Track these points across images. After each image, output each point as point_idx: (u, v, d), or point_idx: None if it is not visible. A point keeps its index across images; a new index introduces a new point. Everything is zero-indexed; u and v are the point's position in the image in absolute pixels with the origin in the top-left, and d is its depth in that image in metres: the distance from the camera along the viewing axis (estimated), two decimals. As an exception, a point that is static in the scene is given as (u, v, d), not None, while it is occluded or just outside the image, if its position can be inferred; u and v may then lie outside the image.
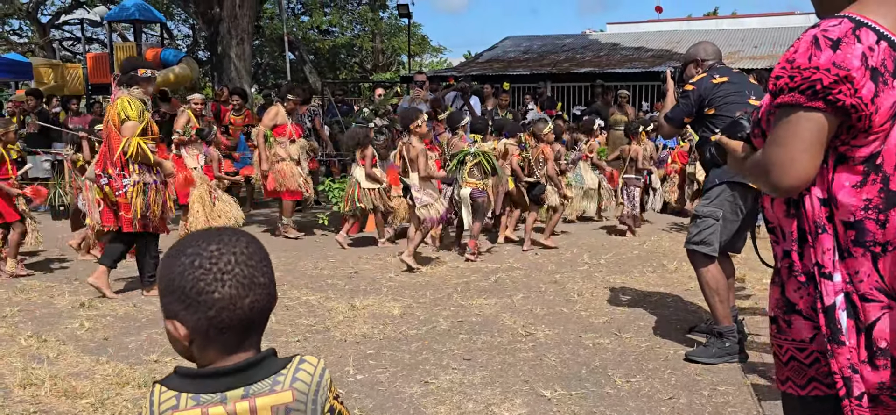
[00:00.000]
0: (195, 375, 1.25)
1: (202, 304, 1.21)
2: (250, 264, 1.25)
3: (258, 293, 1.25)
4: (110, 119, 5.44)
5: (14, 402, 3.59)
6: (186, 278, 1.21)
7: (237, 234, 1.28)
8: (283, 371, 1.27)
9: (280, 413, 1.24)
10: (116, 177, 5.43)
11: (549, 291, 5.75)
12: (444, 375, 3.96)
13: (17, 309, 5.26)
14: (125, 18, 18.14)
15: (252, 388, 1.24)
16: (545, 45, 20.10)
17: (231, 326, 1.23)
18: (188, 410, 1.21)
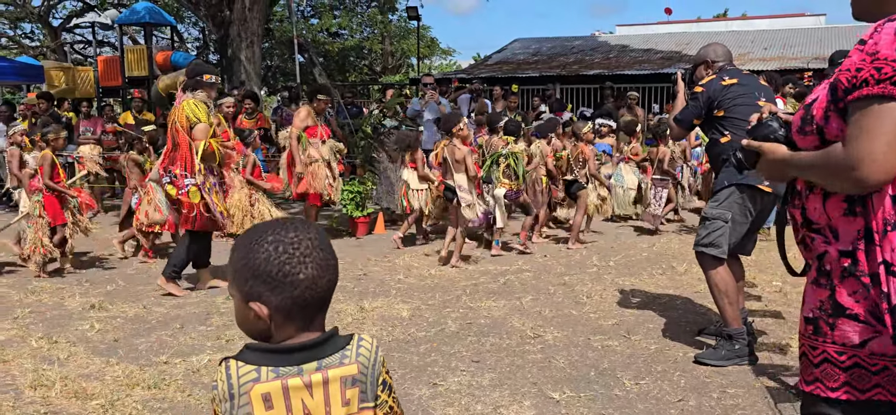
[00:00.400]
0: (273, 350, 1.35)
1: (288, 285, 1.33)
2: (323, 248, 1.38)
3: (332, 274, 1.39)
4: (177, 121, 5.60)
5: (25, 403, 3.61)
6: (272, 263, 1.33)
7: (304, 223, 1.41)
8: (349, 347, 1.41)
9: (347, 384, 1.38)
10: (179, 176, 5.60)
11: (558, 293, 5.74)
12: (453, 377, 3.95)
13: (29, 310, 5.29)
14: (136, 22, 18.25)
15: (324, 361, 1.37)
16: (554, 47, 20.07)
17: (311, 303, 1.36)
18: (269, 381, 1.33)
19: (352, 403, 1.39)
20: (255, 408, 1.32)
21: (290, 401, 1.34)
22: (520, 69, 17.44)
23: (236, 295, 1.38)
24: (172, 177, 5.64)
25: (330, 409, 1.37)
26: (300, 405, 1.35)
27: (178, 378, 3.93)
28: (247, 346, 1.37)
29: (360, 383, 1.40)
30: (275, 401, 1.33)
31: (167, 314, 5.22)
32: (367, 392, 1.41)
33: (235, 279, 1.37)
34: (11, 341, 4.58)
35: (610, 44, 20.40)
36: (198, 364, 4.14)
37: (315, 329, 1.39)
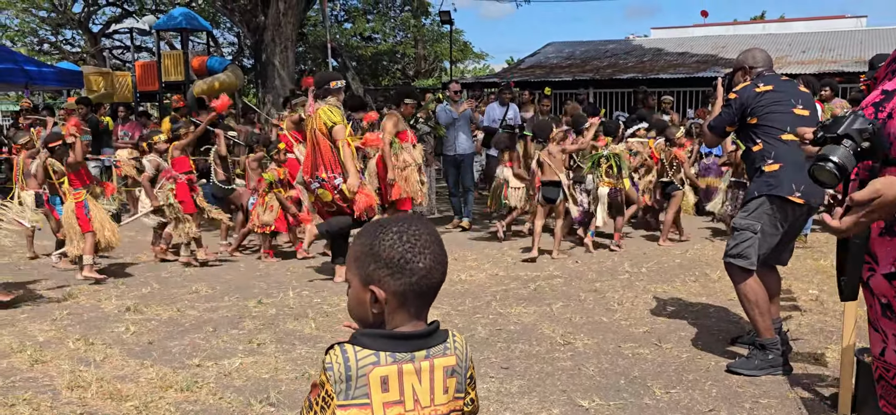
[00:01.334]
0: (390, 336, 1.46)
1: (408, 271, 1.44)
2: (439, 243, 1.49)
3: (443, 269, 1.50)
4: (316, 128, 5.90)
5: (62, 403, 3.69)
6: (396, 250, 1.44)
7: (423, 220, 1.53)
8: (448, 340, 1.51)
9: (448, 373, 1.49)
10: (329, 178, 5.91)
11: (588, 300, 5.70)
12: (482, 383, 3.94)
13: (66, 312, 5.41)
14: (173, 27, 18.58)
15: (432, 351, 1.48)
16: (588, 51, 19.95)
17: (424, 293, 1.47)
18: (387, 365, 1.44)
19: (450, 391, 1.50)
20: (372, 389, 1.43)
21: (403, 384, 1.45)
22: (553, 73, 17.36)
23: (355, 279, 1.48)
24: (321, 181, 5.97)
25: (433, 395, 1.47)
26: (410, 390, 1.46)
27: (210, 381, 3.98)
28: (359, 333, 1.47)
29: (458, 374, 1.52)
30: (391, 384, 1.44)
31: (200, 318, 5.29)
32: (462, 383, 1.53)
33: (357, 263, 1.48)
34: (50, 343, 4.68)
35: (644, 47, 20.21)
36: (229, 367, 4.19)
37: (422, 320, 1.50)
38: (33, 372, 4.14)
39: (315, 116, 5.98)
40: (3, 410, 3.60)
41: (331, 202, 6.02)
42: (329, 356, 1.44)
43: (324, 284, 6.30)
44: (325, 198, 6.04)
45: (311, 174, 6.08)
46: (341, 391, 1.42)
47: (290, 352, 4.49)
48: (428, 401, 1.46)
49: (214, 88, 16.24)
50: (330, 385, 1.42)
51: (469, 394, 1.56)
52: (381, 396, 1.43)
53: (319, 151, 5.97)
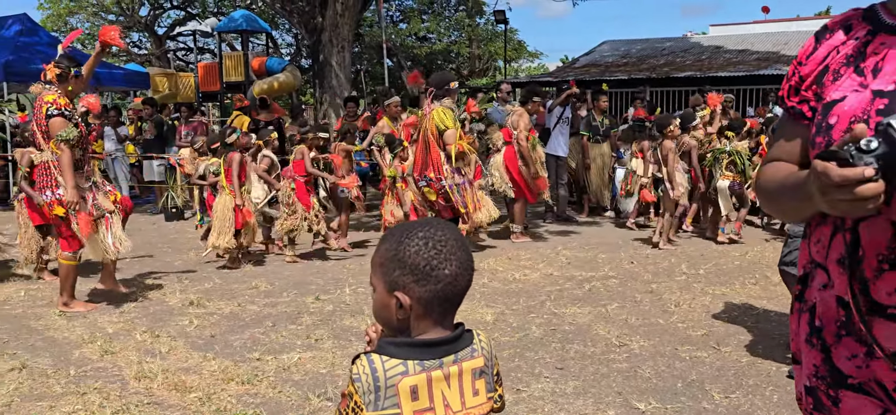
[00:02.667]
0: (417, 344, 1.45)
1: (433, 278, 1.42)
2: (465, 250, 1.47)
3: (470, 275, 1.48)
4: (427, 129, 6.13)
5: (130, 393, 3.84)
6: (421, 256, 1.42)
7: (449, 224, 1.52)
8: (475, 341, 1.51)
9: (476, 375, 1.49)
10: (435, 179, 6.14)
11: (644, 301, 5.63)
12: (537, 383, 3.94)
13: (133, 305, 5.61)
14: (234, 29, 19.00)
15: (459, 355, 1.47)
16: (644, 49, 19.65)
17: (449, 299, 1.46)
18: (415, 374, 1.42)
19: (480, 393, 1.49)
20: (402, 399, 1.41)
21: (433, 392, 1.44)
22: (608, 72, 17.16)
23: (380, 284, 1.47)
24: (428, 180, 6.20)
25: (464, 399, 1.46)
26: (440, 396, 1.44)
27: (270, 375, 4.08)
28: (385, 342, 1.45)
29: (486, 374, 1.51)
30: (420, 393, 1.43)
31: (260, 313, 5.42)
32: (490, 383, 1.52)
33: (382, 269, 1.47)
34: (119, 334, 4.87)
35: (702, 45, 19.78)
36: (288, 362, 4.28)
37: (448, 325, 1.48)
38: (103, 362, 4.32)
39: (430, 116, 6.19)
40: (76, 398, 3.76)
41: (434, 201, 6.25)
42: (356, 366, 1.41)
43: (379, 282, 6.38)
44: (429, 196, 6.28)
45: (419, 172, 6.33)
46: (370, 402, 1.40)
47: (347, 348, 4.57)
48: (459, 405, 1.45)
49: (274, 89, 16.56)
50: (358, 396, 1.40)
51: (497, 391, 1.56)
52: (412, 405, 1.41)
53: (430, 151, 6.18)
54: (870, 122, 1.29)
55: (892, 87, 1.31)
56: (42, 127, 5.21)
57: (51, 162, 5.21)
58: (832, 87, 1.41)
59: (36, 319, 5.25)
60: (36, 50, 12.95)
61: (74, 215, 5.19)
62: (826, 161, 1.18)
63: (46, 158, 5.24)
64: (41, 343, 4.69)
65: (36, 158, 5.38)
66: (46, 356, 4.41)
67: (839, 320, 1.35)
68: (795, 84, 1.51)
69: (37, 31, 14.02)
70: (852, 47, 1.41)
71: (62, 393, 3.83)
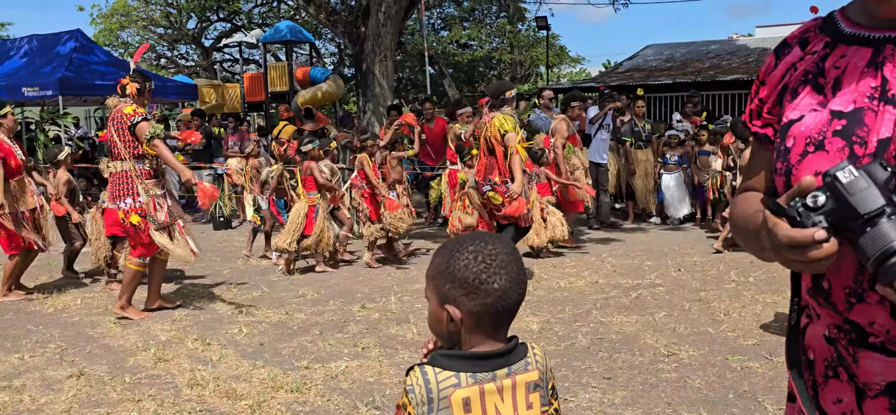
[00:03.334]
0: (470, 357, 1.44)
1: (483, 292, 1.42)
2: (517, 264, 1.46)
3: (521, 289, 1.46)
4: (490, 135, 6.28)
5: (183, 400, 3.92)
6: (470, 270, 1.42)
7: (501, 237, 1.52)
8: (529, 355, 1.50)
9: (530, 388, 1.48)
10: (500, 183, 6.25)
11: (693, 310, 5.54)
12: (584, 393, 3.91)
13: (185, 313, 5.73)
14: (278, 40, 19.33)
15: (512, 367, 1.46)
16: (688, 52, 19.36)
17: (500, 313, 1.45)
18: (468, 386, 1.42)
19: (534, 407, 1.48)
20: (455, 412, 1.41)
21: (486, 405, 1.43)
22: (652, 76, 16.95)
23: (433, 297, 1.48)
24: (493, 184, 6.31)
25: (518, 412, 1.46)
26: (494, 409, 1.44)
27: (318, 383, 4.13)
28: (438, 353, 1.46)
29: (541, 388, 1.50)
30: (473, 405, 1.42)
31: (307, 321, 5.49)
32: (545, 397, 1.52)
33: (434, 282, 1.48)
34: (171, 342, 4.98)
35: (749, 47, 19.41)
36: (336, 371, 4.33)
37: (500, 338, 1.48)
38: (157, 370, 4.42)
39: (490, 123, 6.31)
40: (131, 404, 3.86)
41: (500, 205, 6.36)
42: (410, 378, 1.43)
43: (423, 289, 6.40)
44: (495, 200, 6.38)
45: (484, 177, 6.43)
46: (423, 414, 1.41)
47: (393, 357, 4.60)
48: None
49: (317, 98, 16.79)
50: (412, 407, 1.42)
51: (552, 405, 1.55)
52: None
53: (494, 156, 6.32)
54: (825, 143, 1.20)
55: (852, 107, 1.20)
56: (122, 137, 5.41)
57: (129, 171, 5.43)
58: (789, 107, 1.30)
59: (92, 327, 5.41)
60: (90, 65, 13.38)
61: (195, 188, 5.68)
62: (776, 215, 1.10)
63: (125, 168, 5.45)
64: (98, 351, 4.82)
65: (113, 168, 5.55)
66: (103, 364, 4.54)
67: (829, 357, 1.26)
68: (757, 107, 1.40)
69: (91, 47, 14.47)
70: (810, 63, 1.30)
71: (118, 400, 3.93)
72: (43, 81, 12.43)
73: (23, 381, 4.23)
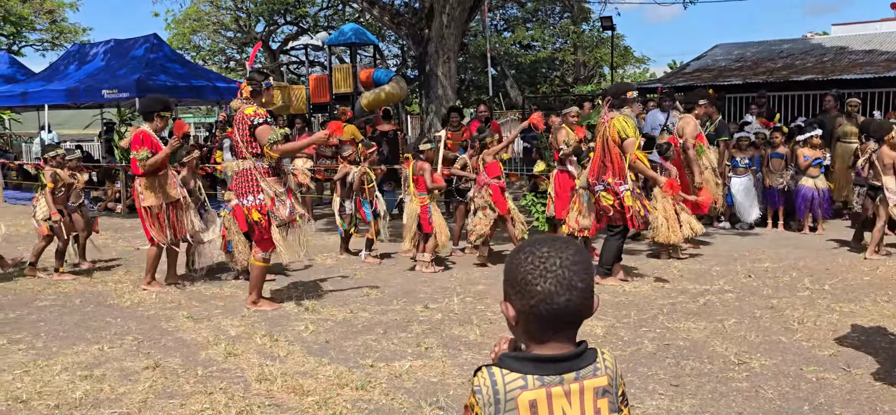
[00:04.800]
0: (535, 359, 1.46)
1: (527, 293, 1.45)
2: (572, 269, 1.45)
3: (573, 295, 1.45)
4: (608, 135, 6.36)
5: (252, 394, 4.02)
6: (519, 270, 1.47)
7: (569, 243, 1.51)
8: (598, 360, 1.50)
9: (598, 394, 1.48)
10: (614, 184, 6.34)
11: (764, 318, 5.38)
12: (650, 400, 3.84)
13: (254, 310, 5.87)
14: (343, 42, 19.60)
15: (581, 372, 1.47)
16: (760, 52, 18.80)
17: (545, 317, 1.45)
18: (535, 389, 1.44)
19: (602, 412, 1.48)
20: (521, 414, 1.43)
21: (552, 408, 1.44)
22: (721, 76, 16.53)
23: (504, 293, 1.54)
24: (606, 185, 6.38)
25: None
26: (560, 412, 1.45)
27: (383, 382, 4.17)
28: (506, 355, 1.48)
29: (609, 394, 1.50)
30: (540, 408, 1.44)
31: (371, 320, 5.55)
32: (614, 403, 1.51)
33: (503, 278, 1.54)
34: (240, 337, 5.11)
35: (824, 46, 18.73)
36: (400, 370, 4.36)
37: (565, 341, 1.48)
38: (227, 364, 4.54)
39: (609, 124, 6.34)
40: (203, 397, 3.97)
41: (610, 206, 6.40)
42: (477, 379, 1.45)
43: (487, 291, 6.40)
44: (606, 201, 6.41)
45: (597, 177, 6.46)
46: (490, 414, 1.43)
47: (457, 357, 4.61)
48: None
49: (380, 99, 16.96)
50: (479, 408, 1.44)
51: (622, 412, 1.54)
52: None
53: (609, 157, 6.34)
54: None
55: None
56: (245, 137, 5.64)
57: (251, 169, 5.65)
58: None
59: (166, 320, 5.59)
60: (163, 67, 13.84)
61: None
62: None
63: (248, 166, 5.68)
64: (171, 344, 4.98)
65: (237, 166, 5.77)
66: (176, 356, 4.69)
67: None
68: None
69: (165, 50, 14.95)
70: None
71: (191, 392, 4.05)
72: (120, 83, 12.90)
73: (103, 371, 4.41)
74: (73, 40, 27.92)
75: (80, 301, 6.28)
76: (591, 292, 1.48)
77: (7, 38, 28.95)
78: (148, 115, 6.60)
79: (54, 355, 4.75)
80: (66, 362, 4.58)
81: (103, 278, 7.14)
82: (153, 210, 6.47)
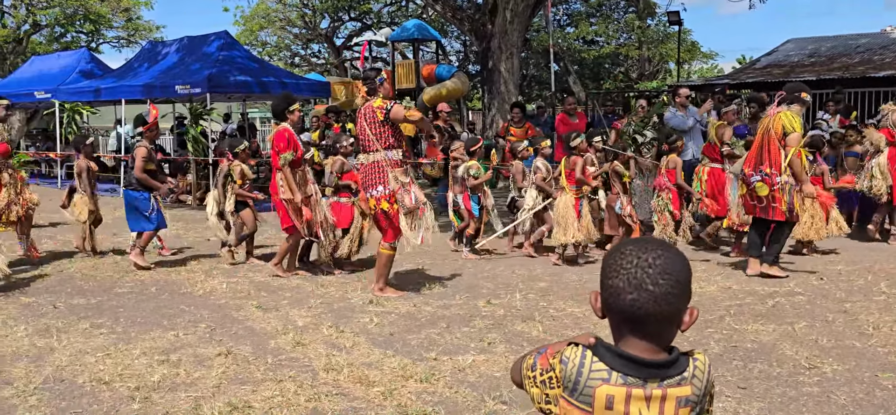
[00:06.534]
0: (625, 357, 1.47)
1: (602, 286, 1.52)
2: (646, 271, 1.46)
3: (641, 296, 1.45)
4: (772, 128, 6.53)
5: (320, 383, 4.13)
6: (604, 263, 1.53)
7: (658, 246, 1.50)
8: (687, 369, 1.49)
9: (681, 403, 1.48)
10: (771, 175, 6.48)
11: (837, 322, 5.23)
12: (717, 402, 3.79)
13: (320, 301, 6.01)
14: (406, 38, 19.79)
15: (665, 381, 1.47)
16: (835, 47, 18.15)
17: (615, 312, 1.50)
18: (616, 385, 1.46)
19: None
20: (596, 405, 1.46)
21: (629, 409, 1.46)
22: (793, 72, 16.02)
23: None
24: (763, 175, 6.53)
25: None
26: (637, 413, 1.46)
27: (446, 375, 4.23)
28: (603, 344, 1.51)
29: (693, 403, 1.49)
30: (616, 405, 1.46)
31: (434, 314, 5.62)
32: (697, 411, 1.51)
33: None
34: (307, 327, 5.25)
35: (905, 40, 17.95)
36: (463, 364, 4.41)
37: (642, 341, 1.48)
38: (295, 353, 4.67)
39: (775, 117, 6.49)
40: (274, 384, 4.10)
41: (765, 196, 6.51)
42: (569, 351, 1.49)
43: (549, 288, 6.40)
44: (761, 191, 6.52)
45: (754, 168, 6.57)
46: (567, 388, 1.48)
47: (519, 353, 4.61)
48: None
49: (441, 95, 17.06)
50: (557, 375, 1.49)
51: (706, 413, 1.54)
52: (604, 413, 1.46)
53: (767, 149, 6.48)
54: None
55: None
56: (375, 130, 5.88)
57: (380, 161, 5.89)
58: None
59: (236, 309, 5.78)
60: (233, 63, 14.23)
61: None
62: None
63: (377, 158, 5.91)
64: (242, 332, 5.15)
65: (364, 159, 6.03)
66: (247, 344, 4.85)
67: None
68: None
69: (235, 46, 15.36)
70: None
71: (262, 379, 4.19)
72: (193, 79, 13.33)
73: (178, 356, 4.60)
74: (147, 37, 28.94)
75: (155, 289, 6.54)
76: (668, 299, 1.44)
77: (86, 36, 30.21)
78: (280, 114, 6.82)
79: (133, 339, 4.98)
80: (145, 347, 4.79)
81: (177, 268, 7.41)
82: (292, 203, 6.68)
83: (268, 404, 3.82)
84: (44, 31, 29.79)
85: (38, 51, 26.69)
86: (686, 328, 1.51)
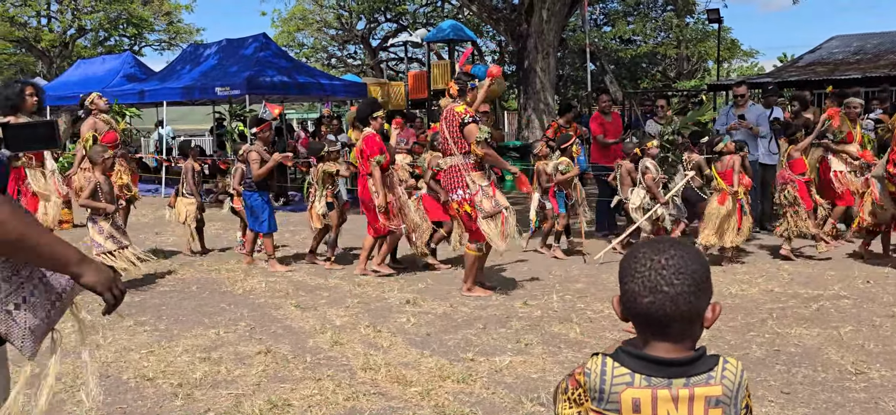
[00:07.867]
0: (648, 359, 1.46)
1: (621, 290, 1.51)
2: (661, 273, 1.45)
3: (658, 298, 1.44)
4: None
5: (358, 382, 4.16)
6: (621, 266, 1.52)
7: (676, 247, 1.49)
8: (715, 368, 1.47)
9: (711, 403, 1.45)
10: None
11: (885, 326, 5.10)
12: (759, 407, 3.72)
13: (357, 301, 6.05)
14: (441, 39, 19.81)
15: (692, 379, 1.45)
16: (882, 43, 17.70)
17: (635, 316, 1.49)
18: (641, 388, 1.45)
19: None
20: (624, 410, 1.45)
21: (657, 411, 1.44)
22: (838, 70, 15.68)
23: None
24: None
25: None
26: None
27: (483, 376, 4.22)
28: (622, 349, 1.50)
29: (724, 404, 1.46)
30: (643, 408, 1.44)
31: (471, 314, 5.62)
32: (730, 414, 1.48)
33: None
34: (345, 327, 5.28)
35: (956, 36, 17.45)
36: (500, 365, 4.40)
37: (665, 342, 1.46)
38: (333, 352, 4.71)
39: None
40: (312, 383, 4.14)
41: None
42: (591, 363, 1.49)
43: (586, 289, 6.35)
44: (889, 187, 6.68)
45: None
46: (594, 399, 1.48)
47: (557, 355, 4.61)
48: None
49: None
50: (584, 389, 1.49)
51: None
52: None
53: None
54: None
55: None
56: (454, 135, 5.95)
57: (458, 165, 5.94)
58: None
59: (275, 308, 5.85)
60: (271, 65, 14.40)
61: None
62: None
63: (456, 162, 5.97)
64: (281, 331, 5.21)
65: (444, 163, 6.12)
66: (286, 343, 4.90)
67: None
68: None
69: (272, 48, 15.55)
70: None
71: (301, 377, 4.23)
72: (232, 81, 13.53)
73: (219, 354, 4.67)
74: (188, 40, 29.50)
75: (196, 288, 6.65)
76: (685, 299, 1.43)
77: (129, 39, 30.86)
78: (365, 119, 6.95)
79: (176, 337, 5.07)
80: (187, 344, 4.87)
81: (217, 267, 7.53)
82: (381, 205, 6.78)
83: (307, 403, 3.86)
84: (88, 35, 30.50)
85: (83, 55, 27.33)
86: (710, 325, 1.49)
